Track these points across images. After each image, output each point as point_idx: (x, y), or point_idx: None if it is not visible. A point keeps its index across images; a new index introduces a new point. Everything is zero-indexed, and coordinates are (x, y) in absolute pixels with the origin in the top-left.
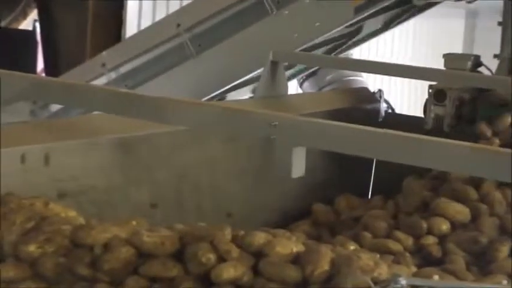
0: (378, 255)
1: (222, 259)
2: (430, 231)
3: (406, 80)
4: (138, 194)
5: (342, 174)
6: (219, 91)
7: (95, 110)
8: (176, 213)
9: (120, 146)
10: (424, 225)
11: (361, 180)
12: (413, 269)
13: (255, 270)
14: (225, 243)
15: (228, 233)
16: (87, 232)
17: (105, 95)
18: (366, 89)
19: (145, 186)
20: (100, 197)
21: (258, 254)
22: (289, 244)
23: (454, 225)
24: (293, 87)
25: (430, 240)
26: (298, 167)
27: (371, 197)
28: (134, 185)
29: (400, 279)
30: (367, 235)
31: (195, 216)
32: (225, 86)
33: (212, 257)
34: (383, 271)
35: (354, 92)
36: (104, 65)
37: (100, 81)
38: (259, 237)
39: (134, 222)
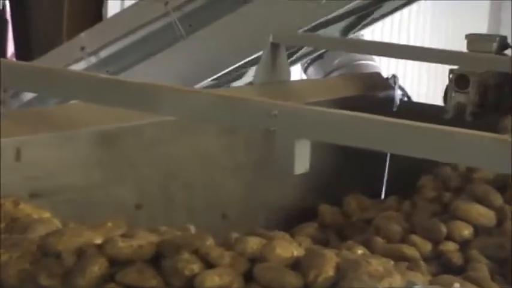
0: (392, 262)
1: (209, 266)
2: (450, 236)
3: (424, 64)
4: (121, 192)
5: (351, 170)
6: (212, 77)
7: (73, 99)
8: (164, 214)
9: (101, 139)
10: (444, 229)
11: (372, 178)
12: (430, 278)
13: (251, 276)
14: (214, 249)
15: (210, 242)
16: (58, 238)
17: (84, 81)
18: (378, 75)
19: (129, 184)
20: (78, 196)
21: (255, 258)
22: (289, 247)
23: (477, 230)
24: (296, 73)
25: (451, 246)
26: (302, 162)
27: (384, 197)
28: (117, 183)
29: (416, 287)
30: (379, 240)
31: (186, 217)
32: (219, 71)
33: (195, 267)
34: (395, 279)
35: (365, 78)
36: (82, 48)
37: (79, 67)
38: (253, 243)
39: (110, 224)
